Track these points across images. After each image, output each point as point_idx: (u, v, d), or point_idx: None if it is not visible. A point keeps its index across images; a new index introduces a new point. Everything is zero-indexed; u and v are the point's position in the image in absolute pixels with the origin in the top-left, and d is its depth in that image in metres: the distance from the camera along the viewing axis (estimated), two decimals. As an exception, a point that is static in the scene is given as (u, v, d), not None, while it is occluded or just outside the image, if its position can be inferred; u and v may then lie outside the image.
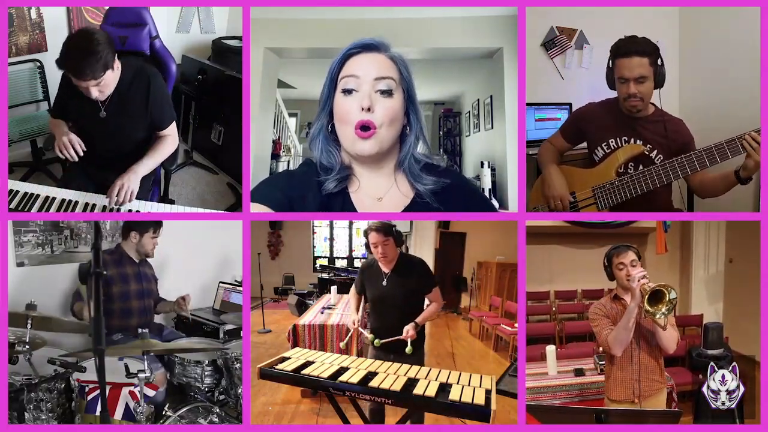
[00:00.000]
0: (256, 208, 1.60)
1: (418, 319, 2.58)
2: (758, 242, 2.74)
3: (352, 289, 2.86)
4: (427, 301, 2.71)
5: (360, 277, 2.78)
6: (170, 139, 2.84)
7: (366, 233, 2.56)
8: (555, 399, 3.01)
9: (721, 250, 5.13)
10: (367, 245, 2.61)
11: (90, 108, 2.65)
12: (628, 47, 2.61)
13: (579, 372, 3.16)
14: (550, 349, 3.25)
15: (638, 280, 2.08)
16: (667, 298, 2.03)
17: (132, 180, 2.59)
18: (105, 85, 2.52)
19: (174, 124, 2.87)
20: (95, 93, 2.51)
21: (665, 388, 2.27)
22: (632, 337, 2.15)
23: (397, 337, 2.53)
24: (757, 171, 2.47)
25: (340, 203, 1.67)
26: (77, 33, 2.54)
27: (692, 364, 2.91)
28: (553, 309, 5.13)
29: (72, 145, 2.56)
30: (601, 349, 3.58)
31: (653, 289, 2.03)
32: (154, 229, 3.12)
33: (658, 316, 2.04)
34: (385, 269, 2.62)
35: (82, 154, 2.59)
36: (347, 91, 1.60)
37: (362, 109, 1.57)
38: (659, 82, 2.63)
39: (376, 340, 2.60)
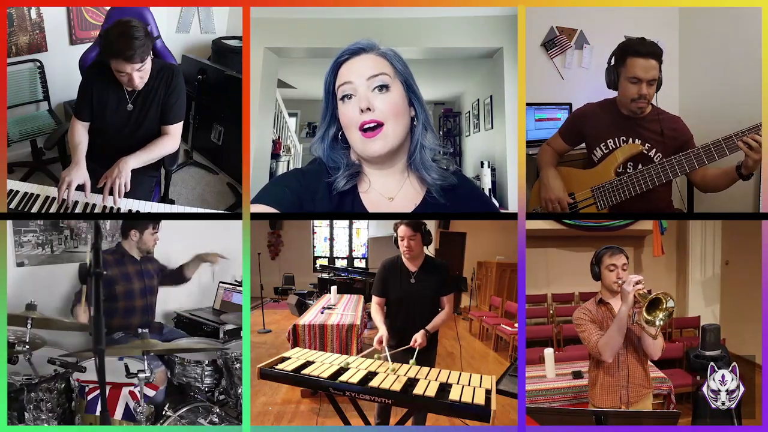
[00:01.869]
0: (263, 209, 1.60)
1: (429, 327, 2.54)
2: (754, 244, 2.74)
3: (375, 298, 2.70)
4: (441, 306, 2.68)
5: (382, 278, 2.69)
6: (170, 140, 2.84)
7: (395, 227, 2.57)
8: (554, 402, 3.01)
9: (717, 252, 5.14)
10: (395, 240, 2.61)
11: (117, 102, 2.71)
12: (643, 48, 2.59)
13: (577, 374, 3.17)
14: (549, 352, 3.25)
15: (633, 285, 2.05)
16: (665, 305, 1.99)
17: (123, 172, 2.57)
18: (145, 71, 2.61)
19: (179, 126, 2.87)
20: (137, 80, 2.59)
21: (651, 393, 2.27)
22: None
23: (406, 347, 2.48)
24: (756, 168, 2.49)
25: (350, 204, 1.68)
26: (120, 21, 2.60)
27: (690, 365, 2.91)
28: (551, 312, 5.12)
29: (67, 191, 2.55)
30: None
31: (653, 297, 1.99)
32: (153, 225, 3.13)
33: (657, 323, 2.00)
34: (412, 268, 2.62)
35: (70, 206, 2.58)
36: (346, 97, 1.61)
37: (361, 110, 1.59)
38: (659, 85, 2.65)
39: (383, 356, 2.41)
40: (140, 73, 2.59)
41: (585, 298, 5.29)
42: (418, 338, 2.48)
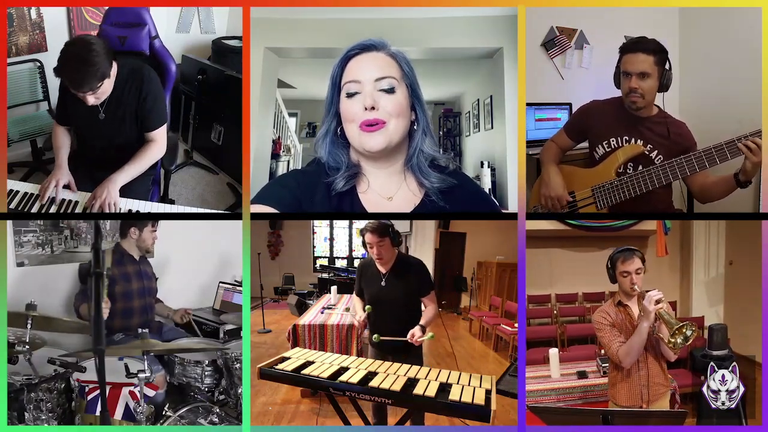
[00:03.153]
0: (262, 210, 1.60)
1: (423, 322, 2.51)
2: (758, 244, 2.75)
3: (354, 294, 2.82)
4: (423, 306, 2.65)
5: (358, 279, 2.75)
6: (155, 146, 2.78)
7: (362, 233, 2.54)
8: (559, 402, 3.01)
9: (721, 253, 5.14)
10: (364, 244, 2.59)
11: (89, 111, 2.66)
12: (635, 44, 2.66)
13: (582, 374, 3.17)
14: (553, 352, 3.25)
15: (654, 304, 2.08)
16: (685, 331, 2.05)
17: (111, 192, 2.56)
18: (102, 92, 2.54)
19: (163, 129, 2.82)
20: (91, 101, 2.53)
21: (669, 391, 2.29)
22: None
23: (401, 338, 2.47)
24: (755, 174, 2.50)
25: (348, 204, 1.68)
26: (75, 42, 2.51)
27: (696, 365, 2.91)
28: (555, 312, 5.10)
29: (55, 189, 2.58)
30: (603, 351, 3.60)
31: (677, 328, 2.05)
32: (152, 222, 3.11)
33: (676, 344, 2.07)
34: (383, 269, 2.60)
35: (56, 201, 2.61)
36: (350, 94, 1.61)
37: (366, 108, 1.59)
38: (664, 84, 2.67)
39: (375, 336, 2.54)
40: (95, 94, 2.50)
41: (589, 298, 5.33)
42: (415, 333, 2.45)
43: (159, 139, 2.80)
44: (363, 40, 1.65)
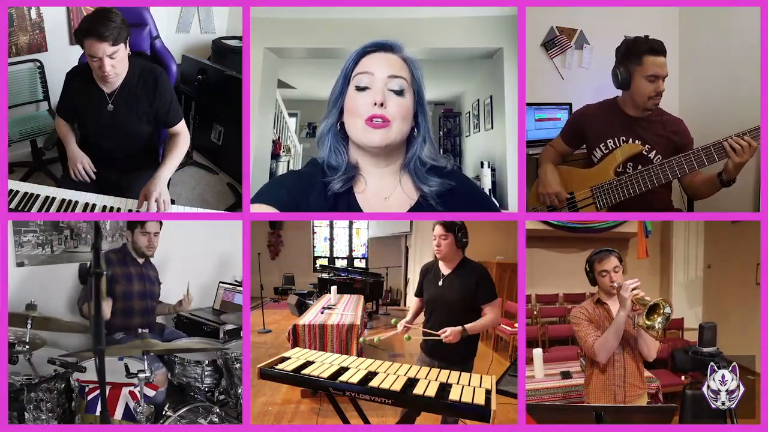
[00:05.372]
0: (261, 209, 1.60)
1: (468, 326, 2.43)
2: (735, 248, 2.76)
3: (414, 295, 2.77)
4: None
5: (420, 278, 2.69)
6: (183, 138, 2.85)
7: (434, 225, 2.52)
8: (544, 402, 3.01)
9: (699, 256, 5.20)
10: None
11: (98, 101, 2.68)
12: (658, 46, 2.63)
13: (566, 375, 3.18)
14: (537, 353, 3.25)
15: (630, 291, 2.06)
16: (662, 311, 2.02)
17: (163, 188, 2.60)
18: (118, 61, 2.54)
19: (183, 122, 2.88)
20: (107, 66, 2.51)
21: (645, 393, 2.28)
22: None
23: (435, 335, 2.41)
24: (737, 173, 2.50)
25: (346, 204, 1.68)
26: (99, 8, 2.59)
27: (675, 366, 2.93)
28: (535, 313, 5.08)
29: (85, 169, 2.73)
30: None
31: (652, 303, 2.02)
32: (141, 224, 3.09)
33: (656, 326, 2.03)
34: (444, 270, 2.56)
35: (94, 176, 2.73)
36: (360, 88, 1.62)
37: (375, 104, 1.59)
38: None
39: (377, 338, 2.54)
40: (112, 61, 2.51)
41: (569, 299, 5.33)
42: (450, 333, 2.38)
43: (183, 131, 2.86)
44: (379, 39, 1.66)
